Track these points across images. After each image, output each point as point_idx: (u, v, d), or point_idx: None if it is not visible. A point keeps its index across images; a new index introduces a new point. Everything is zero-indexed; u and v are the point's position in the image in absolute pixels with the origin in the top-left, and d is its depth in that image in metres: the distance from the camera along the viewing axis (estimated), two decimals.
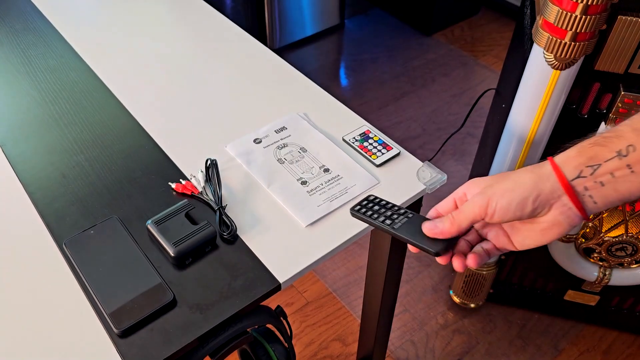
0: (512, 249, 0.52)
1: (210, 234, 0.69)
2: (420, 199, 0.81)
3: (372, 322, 1.09)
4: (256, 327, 0.80)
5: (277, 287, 0.67)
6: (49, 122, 0.90)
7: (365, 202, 0.61)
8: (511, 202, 0.47)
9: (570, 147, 0.48)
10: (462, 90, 2.30)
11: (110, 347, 0.61)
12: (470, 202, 0.50)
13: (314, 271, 1.62)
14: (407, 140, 2.06)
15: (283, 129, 0.88)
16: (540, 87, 0.98)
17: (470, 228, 0.54)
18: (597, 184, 0.46)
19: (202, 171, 0.79)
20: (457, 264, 0.52)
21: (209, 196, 0.76)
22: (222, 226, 0.72)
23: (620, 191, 0.45)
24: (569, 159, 0.47)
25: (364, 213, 0.60)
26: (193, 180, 0.79)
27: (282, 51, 2.48)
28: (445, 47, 2.51)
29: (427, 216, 0.56)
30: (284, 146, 0.85)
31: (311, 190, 0.78)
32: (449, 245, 0.53)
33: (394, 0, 2.72)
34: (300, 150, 0.84)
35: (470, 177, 1.60)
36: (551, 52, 0.92)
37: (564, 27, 0.88)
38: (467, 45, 2.53)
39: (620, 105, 0.97)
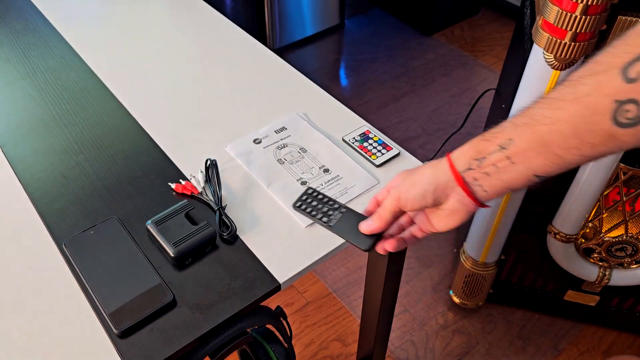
0: (434, 230, 0.59)
1: (210, 234, 0.69)
2: None
3: (372, 322, 1.09)
4: (256, 327, 0.80)
5: (277, 287, 0.67)
6: (49, 122, 0.90)
7: (305, 197, 0.66)
8: (415, 195, 0.55)
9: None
10: (462, 90, 2.30)
11: (110, 347, 0.61)
12: (389, 198, 0.58)
13: (314, 271, 1.62)
14: (407, 140, 2.06)
15: (283, 129, 0.87)
16: (540, 87, 0.98)
17: (399, 216, 0.61)
18: (484, 174, 0.52)
19: (202, 171, 0.79)
20: (379, 247, 0.61)
21: (209, 196, 0.76)
22: (222, 226, 0.72)
23: (504, 180, 0.51)
24: (462, 153, 0.54)
25: (304, 209, 0.65)
26: (193, 181, 0.79)
27: (282, 51, 2.48)
28: (445, 47, 2.51)
29: (368, 204, 0.63)
30: (284, 146, 0.85)
31: None
32: (377, 240, 0.61)
33: (394, 0, 2.72)
34: (300, 151, 0.84)
35: None
36: (551, 52, 0.92)
37: (563, 28, 0.88)
38: (467, 45, 2.53)
39: None
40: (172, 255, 0.67)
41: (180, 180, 0.79)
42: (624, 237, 1.20)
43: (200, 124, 0.90)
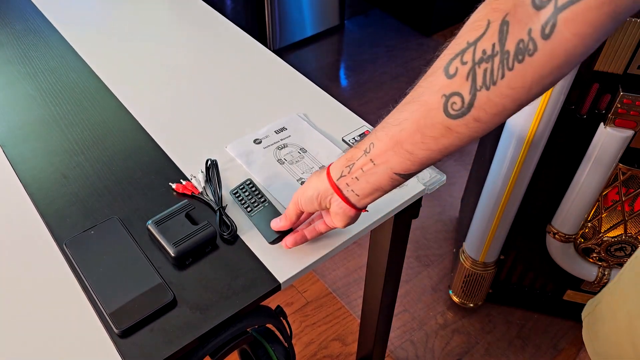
0: (334, 226, 0.66)
1: (210, 234, 0.70)
2: (420, 199, 0.81)
3: (371, 322, 1.10)
4: (256, 327, 0.80)
5: (277, 287, 0.68)
6: (50, 122, 0.90)
7: (242, 187, 0.77)
8: (305, 200, 0.64)
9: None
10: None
11: (110, 347, 0.61)
12: (291, 201, 0.67)
13: (314, 271, 1.62)
14: None
15: (283, 129, 0.87)
16: None
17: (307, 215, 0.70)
18: (354, 179, 0.58)
19: (202, 171, 0.79)
20: (283, 242, 0.70)
21: (209, 196, 0.77)
22: (222, 226, 0.73)
23: (371, 182, 0.57)
24: (337, 162, 0.60)
25: (238, 197, 0.76)
26: (193, 181, 0.79)
27: (282, 52, 2.48)
28: None
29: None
30: (284, 147, 0.85)
31: None
32: (282, 235, 0.71)
33: (394, 1, 2.72)
34: (300, 151, 0.84)
35: (470, 177, 1.60)
36: None
37: None
38: None
39: (619, 105, 0.97)
40: (173, 255, 0.67)
41: (181, 180, 0.79)
42: (623, 237, 1.21)
43: (200, 124, 0.91)
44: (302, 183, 0.78)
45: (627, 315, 0.72)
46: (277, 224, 0.70)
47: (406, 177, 0.56)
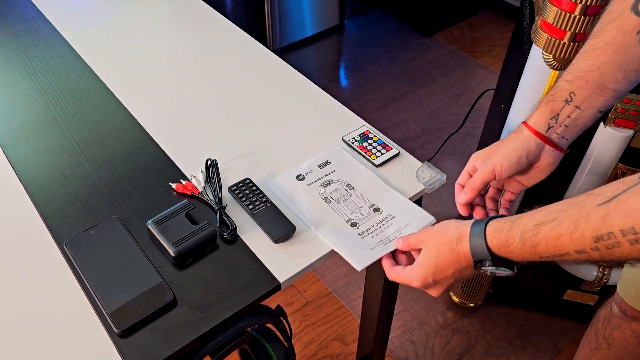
0: (524, 188, 0.70)
1: (210, 234, 0.70)
2: (420, 199, 0.81)
3: (371, 322, 1.09)
4: (256, 326, 0.80)
5: (277, 287, 0.68)
6: (50, 122, 0.90)
7: (241, 185, 0.77)
8: (511, 163, 0.65)
9: (531, 113, 0.67)
10: (461, 90, 2.30)
11: (110, 346, 0.61)
12: (479, 171, 0.68)
13: (314, 271, 1.62)
14: (407, 140, 2.06)
15: (327, 163, 0.82)
16: (539, 87, 0.99)
17: (486, 188, 0.73)
18: (562, 127, 0.64)
19: (202, 171, 0.79)
20: (479, 213, 0.72)
21: (209, 196, 0.77)
22: (222, 226, 0.73)
23: (579, 124, 0.63)
24: (538, 119, 0.65)
25: (238, 194, 0.76)
26: (193, 181, 0.79)
27: (282, 52, 2.48)
28: (445, 48, 2.52)
29: (455, 191, 0.73)
30: (329, 183, 0.79)
31: (362, 233, 0.73)
32: (287, 235, 0.72)
33: (394, 1, 2.72)
34: (347, 188, 0.78)
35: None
36: (550, 53, 0.92)
37: (563, 28, 0.88)
38: (466, 45, 2.53)
39: (619, 105, 0.97)
40: (173, 254, 0.67)
41: (181, 180, 0.79)
42: None
43: (200, 123, 0.91)
44: (352, 225, 0.74)
45: None
46: (463, 198, 0.71)
47: (606, 110, 0.62)
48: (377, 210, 0.76)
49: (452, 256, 0.59)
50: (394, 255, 0.70)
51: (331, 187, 0.78)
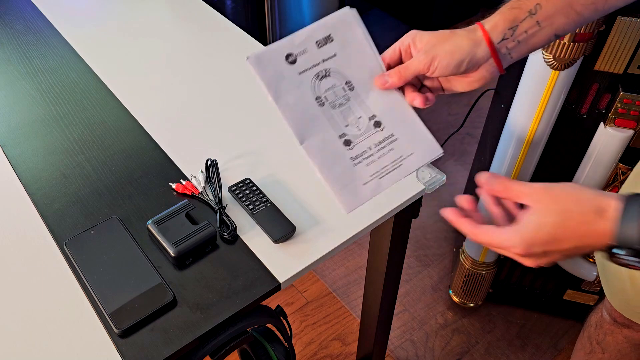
0: (441, 92, 0.62)
1: (210, 234, 0.70)
2: (420, 199, 0.81)
3: (371, 322, 1.10)
4: (256, 326, 0.80)
5: (277, 287, 0.68)
6: (50, 122, 0.90)
7: (241, 185, 0.76)
8: (450, 62, 0.56)
9: (494, 12, 0.57)
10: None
11: (110, 347, 0.61)
12: (415, 59, 0.58)
13: (314, 271, 1.62)
14: None
15: (328, 40, 0.60)
16: (539, 87, 0.99)
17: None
18: (515, 42, 0.56)
19: (202, 171, 0.79)
20: (419, 100, 0.59)
21: (209, 196, 0.77)
22: (222, 226, 0.73)
23: (530, 44, 0.56)
24: (496, 25, 0.56)
25: (238, 194, 0.75)
26: (193, 181, 0.79)
27: None
28: None
29: (386, 52, 0.62)
30: (326, 75, 0.60)
31: (356, 157, 0.59)
32: (288, 235, 0.71)
33: (394, 1, 2.72)
34: (345, 87, 0.60)
35: (470, 177, 1.60)
36: (550, 53, 0.92)
37: None
38: None
39: (619, 105, 0.97)
40: (173, 255, 0.67)
41: (181, 180, 0.79)
42: None
43: (200, 123, 0.91)
44: (345, 142, 0.59)
45: None
46: (385, 82, 0.59)
47: (560, 37, 0.57)
48: (377, 124, 0.60)
49: (582, 231, 0.48)
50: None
51: (327, 82, 0.60)
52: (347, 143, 0.59)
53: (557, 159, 1.12)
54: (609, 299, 0.90)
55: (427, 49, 0.57)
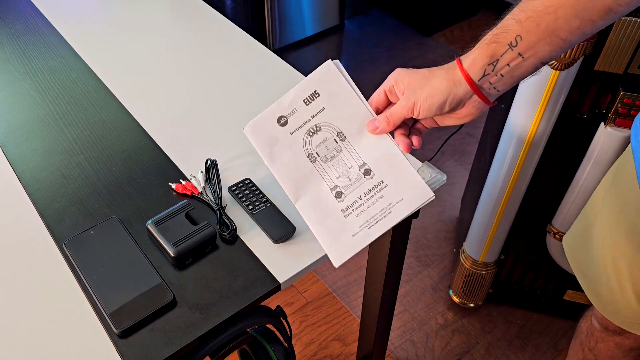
0: (436, 126, 0.62)
1: (210, 234, 0.70)
2: None
3: (372, 322, 1.09)
4: (256, 327, 0.80)
5: (277, 287, 0.67)
6: (49, 122, 0.90)
7: (241, 185, 0.77)
8: (432, 105, 0.57)
9: (472, 47, 0.58)
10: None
11: (110, 347, 0.61)
12: (399, 105, 0.59)
13: (314, 271, 1.62)
14: None
15: (315, 96, 0.62)
16: (539, 87, 0.99)
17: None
18: (498, 76, 0.55)
19: (202, 171, 0.79)
20: (403, 144, 0.61)
21: (209, 196, 0.76)
22: (222, 226, 0.73)
23: (515, 76, 0.55)
24: (475, 62, 0.55)
25: (238, 195, 0.75)
26: (193, 181, 0.79)
27: (282, 51, 2.48)
28: (445, 48, 2.51)
29: (374, 95, 0.63)
30: (317, 130, 0.62)
31: (347, 209, 0.61)
32: (288, 235, 0.70)
33: (394, 1, 2.72)
34: (337, 138, 0.62)
35: (470, 177, 1.60)
36: None
37: None
38: (467, 45, 2.52)
39: (619, 105, 0.97)
40: (172, 255, 0.67)
41: (181, 180, 0.79)
42: None
43: (200, 123, 0.91)
44: (337, 194, 0.62)
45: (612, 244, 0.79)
46: (375, 128, 0.61)
47: (546, 64, 0.55)
48: (367, 172, 0.62)
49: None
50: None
51: (318, 137, 0.62)
52: (339, 195, 0.61)
53: (558, 158, 1.12)
54: (600, 310, 0.90)
55: (407, 94, 0.58)
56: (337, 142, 0.62)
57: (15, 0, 1.21)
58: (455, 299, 1.51)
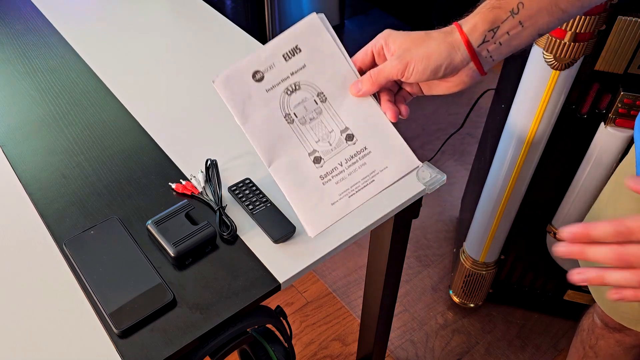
0: (421, 94, 0.59)
1: (210, 234, 0.70)
2: (420, 199, 0.81)
3: (372, 322, 1.09)
4: (256, 327, 0.80)
5: (277, 287, 0.67)
6: (50, 122, 0.90)
7: (241, 185, 0.76)
8: (427, 68, 0.53)
9: (472, 11, 0.54)
10: (461, 90, 2.30)
11: (110, 347, 0.61)
12: (389, 64, 0.54)
13: (314, 271, 1.62)
14: (407, 140, 2.03)
15: (296, 51, 0.57)
16: (539, 87, 0.99)
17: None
18: (497, 44, 0.52)
19: (202, 171, 0.79)
20: (391, 112, 0.57)
21: (209, 196, 0.76)
22: (222, 226, 0.72)
23: (512, 45, 0.53)
24: (475, 27, 0.52)
25: (237, 194, 0.76)
26: (193, 181, 0.79)
27: None
28: None
29: (359, 53, 0.58)
30: (296, 89, 0.57)
31: (326, 175, 0.57)
32: (288, 235, 0.71)
33: (394, 1, 2.72)
34: (317, 99, 0.57)
35: (470, 177, 1.60)
36: (551, 53, 0.92)
37: (563, 28, 0.88)
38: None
39: (619, 105, 0.97)
40: (172, 255, 0.67)
41: (181, 180, 0.79)
42: None
43: (200, 123, 0.91)
44: (315, 160, 0.57)
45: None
46: (359, 90, 0.56)
47: (541, 36, 0.54)
48: (350, 138, 0.57)
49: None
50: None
51: (297, 97, 0.57)
52: (317, 160, 0.57)
53: (558, 159, 1.12)
54: (599, 304, 0.90)
55: (400, 53, 0.54)
56: (317, 104, 0.57)
57: (15, 0, 1.21)
58: (455, 299, 1.51)
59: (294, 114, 0.57)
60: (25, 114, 0.91)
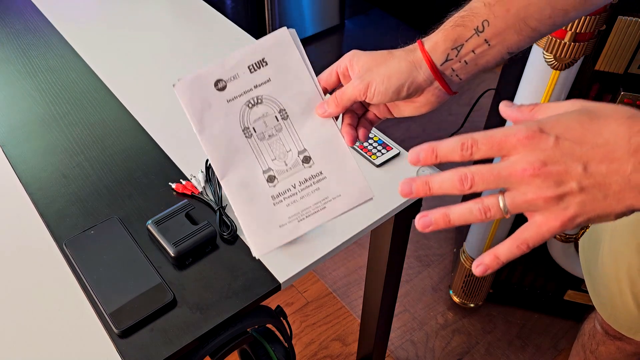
0: (391, 117, 0.57)
1: (210, 234, 0.70)
2: (420, 199, 0.81)
3: (372, 322, 1.09)
4: (256, 327, 0.80)
5: (277, 287, 0.67)
6: (50, 122, 0.90)
7: None
8: (388, 88, 0.51)
9: (437, 28, 0.53)
10: (462, 90, 2.30)
11: (110, 347, 0.61)
12: (351, 84, 0.53)
13: (314, 271, 1.62)
14: (407, 140, 2.06)
15: (262, 64, 0.56)
16: (540, 87, 0.99)
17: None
18: (462, 63, 0.51)
19: (202, 171, 0.79)
20: (348, 137, 0.55)
21: (209, 196, 0.76)
22: (222, 226, 0.72)
23: (480, 64, 0.51)
24: (437, 44, 0.51)
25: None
26: (193, 181, 0.79)
27: None
28: None
29: (324, 72, 0.57)
30: (257, 103, 0.55)
31: (277, 196, 0.55)
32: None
33: (394, 1, 2.72)
34: (278, 115, 0.56)
35: None
36: (551, 53, 0.92)
37: (563, 27, 0.88)
38: None
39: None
40: (173, 255, 0.67)
41: (181, 180, 0.79)
42: None
43: None
44: (268, 179, 0.55)
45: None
46: (325, 111, 0.54)
47: (514, 55, 0.51)
48: (306, 160, 0.56)
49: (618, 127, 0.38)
50: None
51: (258, 111, 0.55)
52: (271, 179, 0.55)
53: None
54: (599, 311, 0.90)
55: (361, 73, 0.52)
56: (277, 120, 0.56)
57: (15, 0, 1.21)
58: (456, 299, 1.51)
59: (253, 128, 0.55)
60: (25, 114, 0.91)
